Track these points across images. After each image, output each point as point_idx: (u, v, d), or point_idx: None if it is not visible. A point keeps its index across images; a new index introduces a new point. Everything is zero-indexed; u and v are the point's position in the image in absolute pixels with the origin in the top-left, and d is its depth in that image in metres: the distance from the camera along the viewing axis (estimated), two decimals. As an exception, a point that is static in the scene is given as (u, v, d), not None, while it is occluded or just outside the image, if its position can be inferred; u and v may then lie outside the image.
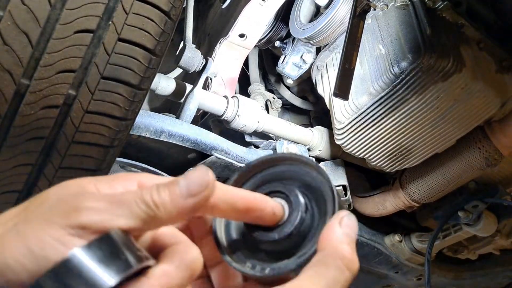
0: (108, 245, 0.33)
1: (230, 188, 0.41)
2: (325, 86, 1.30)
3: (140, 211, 0.35)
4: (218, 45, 1.29)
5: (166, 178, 0.38)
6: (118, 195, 0.36)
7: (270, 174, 0.45)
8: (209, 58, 1.28)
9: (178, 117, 1.19)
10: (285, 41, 1.44)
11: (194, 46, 1.27)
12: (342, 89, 0.93)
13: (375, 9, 1.15)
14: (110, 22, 0.71)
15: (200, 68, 1.26)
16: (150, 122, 1.07)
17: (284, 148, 1.26)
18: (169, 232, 0.40)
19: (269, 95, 1.54)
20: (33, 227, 0.33)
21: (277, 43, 1.44)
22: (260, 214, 0.41)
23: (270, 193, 0.43)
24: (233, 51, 1.30)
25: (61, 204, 0.34)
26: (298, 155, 0.44)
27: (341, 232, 0.38)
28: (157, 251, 0.38)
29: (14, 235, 0.33)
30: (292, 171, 0.44)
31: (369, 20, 1.18)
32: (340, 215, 0.39)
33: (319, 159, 1.40)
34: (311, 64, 1.38)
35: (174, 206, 0.36)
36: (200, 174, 0.37)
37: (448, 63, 1.04)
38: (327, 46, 1.31)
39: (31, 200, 0.36)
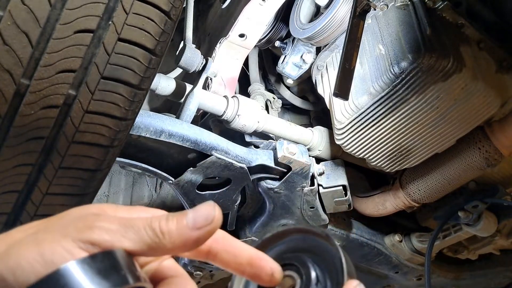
0: (108, 260, 0.36)
1: (235, 239, 0.44)
2: (325, 86, 1.30)
3: (146, 237, 0.38)
4: (218, 45, 1.29)
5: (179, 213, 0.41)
6: (130, 219, 0.39)
7: (281, 247, 0.46)
8: (209, 58, 1.28)
9: (178, 117, 1.19)
10: (285, 41, 1.44)
11: (194, 46, 1.27)
12: (342, 89, 0.93)
13: (375, 9, 1.15)
14: (110, 22, 0.71)
15: (200, 68, 1.26)
16: (150, 122, 1.07)
17: (284, 148, 1.26)
18: (172, 266, 0.44)
19: (269, 95, 1.54)
20: (50, 236, 0.37)
21: (277, 43, 1.44)
22: (259, 271, 0.43)
23: (282, 266, 0.44)
24: (233, 51, 1.30)
25: (79, 221, 0.39)
26: (309, 226, 0.46)
27: None
28: (157, 280, 0.42)
29: (32, 240, 0.36)
30: (304, 242, 0.45)
31: (369, 20, 1.18)
32: (351, 284, 0.40)
33: (319, 159, 1.40)
34: (311, 64, 1.38)
35: (179, 236, 0.39)
36: (207, 209, 0.40)
37: (448, 63, 1.04)
38: (327, 46, 1.31)
39: (55, 215, 0.41)
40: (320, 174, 1.36)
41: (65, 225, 0.38)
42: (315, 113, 1.58)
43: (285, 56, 1.42)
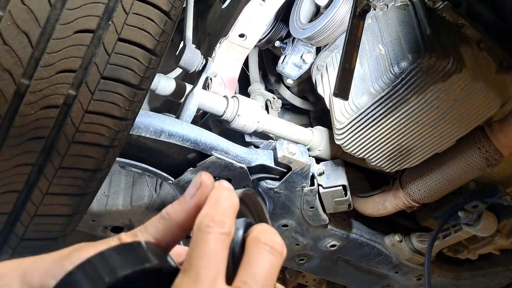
0: (134, 248, 0.44)
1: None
2: (325, 86, 1.31)
3: (159, 223, 0.47)
4: (218, 45, 1.29)
5: None
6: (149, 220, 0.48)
7: None
8: (209, 58, 1.28)
9: (178, 117, 1.19)
10: (285, 41, 1.44)
11: (194, 46, 1.27)
12: (342, 89, 0.93)
13: (375, 9, 1.14)
14: (110, 22, 0.71)
15: (200, 68, 1.26)
16: (150, 122, 1.07)
17: (284, 148, 1.26)
18: None
19: (269, 95, 1.54)
20: (98, 243, 0.46)
21: (277, 43, 1.44)
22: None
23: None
24: (233, 51, 1.30)
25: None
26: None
27: None
28: None
29: (87, 245, 0.46)
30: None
31: (369, 20, 1.18)
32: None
33: (319, 159, 1.40)
34: (311, 64, 1.38)
35: (182, 208, 0.46)
36: (196, 178, 0.47)
37: (448, 63, 1.04)
38: (327, 46, 1.31)
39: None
40: (320, 174, 1.36)
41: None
42: (315, 113, 1.58)
43: (285, 56, 1.42)
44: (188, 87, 1.30)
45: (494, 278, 1.84)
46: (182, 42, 1.28)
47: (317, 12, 1.36)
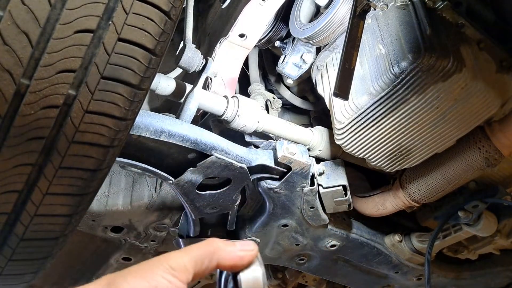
0: None
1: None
2: (325, 86, 1.31)
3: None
4: (218, 45, 1.29)
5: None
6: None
7: None
8: (209, 58, 1.28)
9: (178, 117, 1.19)
10: (285, 41, 1.44)
11: (194, 46, 1.27)
12: (342, 89, 0.93)
13: (375, 9, 1.14)
14: (110, 22, 0.71)
15: (200, 68, 1.26)
16: (150, 122, 1.07)
17: (284, 148, 1.26)
18: None
19: (269, 95, 1.54)
20: (147, 267, 0.53)
21: (277, 43, 1.44)
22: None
23: None
24: (233, 51, 1.30)
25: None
26: None
27: None
28: None
29: (134, 270, 0.53)
30: None
31: (369, 20, 1.18)
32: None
33: (319, 159, 1.40)
34: (311, 64, 1.38)
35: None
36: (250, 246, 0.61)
37: (448, 63, 1.04)
38: (327, 46, 1.31)
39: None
40: (320, 174, 1.36)
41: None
42: (315, 113, 1.58)
43: (285, 56, 1.43)
44: (188, 87, 1.30)
45: (494, 278, 1.84)
46: (182, 42, 1.28)
47: (317, 12, 1.36)
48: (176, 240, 1.48)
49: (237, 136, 1.36)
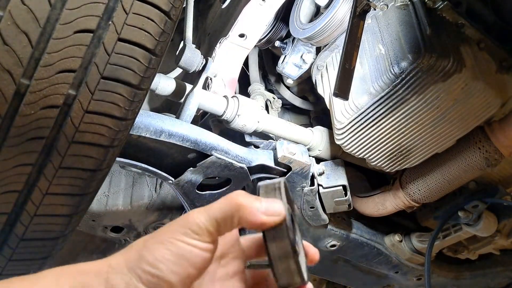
0: None
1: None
2: (325, 86, 1.30)
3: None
4: (218, 45, 1.29)
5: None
6: None
7: None
8: (209, 58, 1.28)
9: (178, 117, 1.19)
10: (285, 41, 1.44)
11: (194, 46, 1.27)
12: (342, 89, 0.93)
13: (375, 9, 1.15)
14: (110, 22, 0.71)
15: (200, 68, 1.26)
16: (150, 122, 1.07)
17: (284, 148, 1.26)
18: None
19: (269, 95, 1.54)
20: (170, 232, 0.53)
21: (277, 43, 1.44)
22: None
23: None
24: (233, 51, 1.30)
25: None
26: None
27: None
28: None
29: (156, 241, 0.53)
30: None
31: (369, 20, 1.18)
32: None
33: (319, 159, 1.40)
34: (311, 64, 1.38)
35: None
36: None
37: (448, 63, 1.04)
38: (327, 46, 1.31)
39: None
40: (320, 174, 1.36)
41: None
42: (315, 113, 1.58)
43: (285, 56, 1.43)
44: (188, 87, 1.30)
45: (494, 278, 1.84)
46: (182, 42, 1.28)
47: (317, 12, 1.36)
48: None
49: (237, 136, 1.36)
